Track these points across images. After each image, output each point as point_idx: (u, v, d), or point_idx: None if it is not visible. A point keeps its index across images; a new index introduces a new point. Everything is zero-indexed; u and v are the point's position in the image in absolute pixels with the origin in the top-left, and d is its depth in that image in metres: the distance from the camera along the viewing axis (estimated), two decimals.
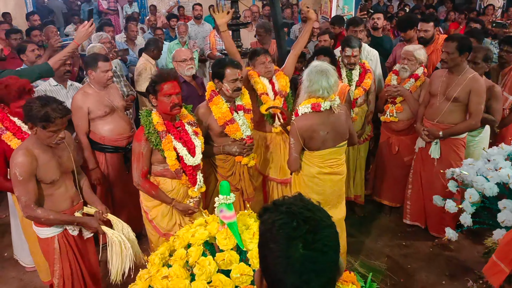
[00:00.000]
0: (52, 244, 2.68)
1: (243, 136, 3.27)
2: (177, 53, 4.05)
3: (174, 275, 1.89)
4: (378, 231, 4.18)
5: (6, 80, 2.90)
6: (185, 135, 2.93)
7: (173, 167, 2.86)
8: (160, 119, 2.83)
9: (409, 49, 3.93)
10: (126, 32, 6.47)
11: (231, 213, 2.01)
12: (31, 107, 2.41)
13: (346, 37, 4.32)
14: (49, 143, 2.52)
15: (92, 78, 3.55)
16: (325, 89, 2.89)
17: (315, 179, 3.12)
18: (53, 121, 2.42)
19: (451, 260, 3.73)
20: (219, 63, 3.24)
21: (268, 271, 1.05)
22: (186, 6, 9.90)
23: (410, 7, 9.51)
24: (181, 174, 2.91)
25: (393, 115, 4.00)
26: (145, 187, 2.89)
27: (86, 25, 3.56)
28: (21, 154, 2.47)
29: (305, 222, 1.00)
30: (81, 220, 2.71)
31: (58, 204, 2.66)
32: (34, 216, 2.54)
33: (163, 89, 2.75)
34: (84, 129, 3.53)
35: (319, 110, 2.95)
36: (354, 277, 1.67)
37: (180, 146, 2.86)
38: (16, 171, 2.44)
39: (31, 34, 5.78)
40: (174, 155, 2.84)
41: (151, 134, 2.80)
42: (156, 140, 2.80)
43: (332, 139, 3.06)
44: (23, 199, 2.49)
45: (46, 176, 2.55)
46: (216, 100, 3.20)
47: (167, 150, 2.82)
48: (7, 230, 4.19)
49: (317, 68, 2.91)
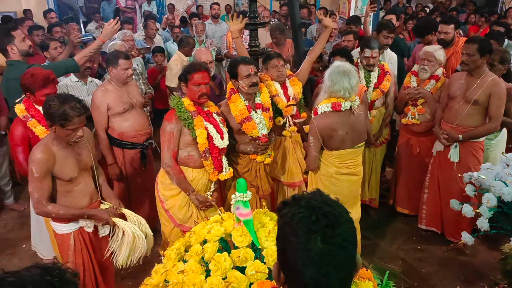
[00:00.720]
0: (68, 240, 2.70)
1: (259, 134, 3.30)
2: (198, 54, 4.04)
3: (190, 270, 1.91)
4: (393, 234, 4.15)
5: (32, 70, 3.03)
6: (213, 120, 3.07)
7: (202, 146, 2.97)
8: (191, 102, 3.00)
9: (429, 50, 3.87)
10: (145, 30, 6.54)
11: (247, 210, 2.03)
12: (49, 106, 2.43)
13: (365, 38, 4.29)
14: (68, 141, 2.53)
15: (112, 75, 3.61)
16: (347, 90, 2.91)
17: (332, 178, 3.14)
18: (71, 120, 2.42)
19: (466, 265, 3.69)
20: (231, 63, 3.36)
21: (286, 264, 1.06)
22: (204, 5, 9.95)
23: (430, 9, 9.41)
24: (208, 155, 3.01)
25: (415, 117, 3.95)
26: (175, 169, 2.99)
27: (112, 23, 3.64)
28: (39, 151, 2.49)
29: (324, 217, 1.01)
30: (91, 213, 2.70)
31: (77, 200, 2.67)
32: (45, 212, 2.57)
33: (193, 78, 2.94)
34: (104, 125, 3.60)
35: (339, 110, 2.97)
36: (370, 274, 1.68)
37: (211, 126, 3.01)
38: (32, 167, 2.47)
39: (53, 31, 5.89)
40: (205, 133, 2.97)
41: (183, 113, 2.95)
42: (188, 119, 2.94)
43: (351, 139, 3.07)
44: (35, 195, 2.51)
45: (64, 174, 2.56)
46: (235, 98, 3.27)
47: (198, 127, 2.95)
48: (26, 222, 4.28)
49: (340, 69, 2.92)
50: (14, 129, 3.07)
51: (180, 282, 1.88)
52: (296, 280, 1.04)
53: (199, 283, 1.86)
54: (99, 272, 2.85)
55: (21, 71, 3.39)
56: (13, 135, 3.07)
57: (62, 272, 1.11)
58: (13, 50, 3.49)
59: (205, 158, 3.02)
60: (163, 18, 9.17)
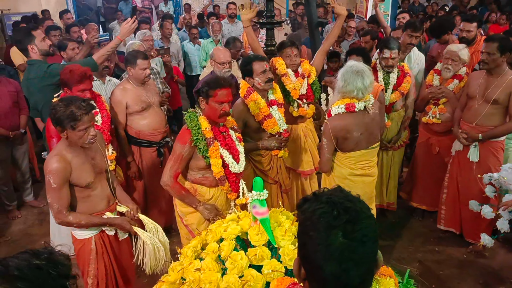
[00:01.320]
0: (89, 245, 2.67)
1: (280, 130, 3.31)
2: (217, 53, 3.95)
3: (206, 268, 1.92)
4: (410, 236, 4.10)
5: (70, 66, 3.16)
6: (230, 141, 2.87)
7: (218, 175, 2.80)
8: (208, 124, 2.75)
9: (453, 49, 3.79)
10: (162, 30, 6.59)
11: (264, 209, 2.02)
12: (56, 110, 2.37)
13: (385, 38, 4.24)
14: (82, 143, 2.46)
15: (131, 75, 3.65)
16: (360, 90, 2.84)
17: (346, 180, 3.09)
18: (80, 119, 2.37)
19: (486, 268, 3.62)
20: (244, 61, 3.36)
21: (307, 259, 1.06)
22: (221, 5, 9.99)
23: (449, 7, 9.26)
24: (224, 181, 2.85)
25: (435, 116, 3.89)
26: (174, 188, 2.80)
27: (129, 22, 3.69)
28: (55, 160, 2.42)
29: (345, 212, 1.01)
30: (113, 222, 2.67)
31: (95, 205, 2.65)
32: (67, 222, 2.52)
33: (217, 95, 2.66)
34: (122, 123, 3.65)
35: (353, 110, 2.92)
36: (391, 271, 1.67)
37: (227, 153, 2.81)
38: (50, 178, 2.41)
39: (71, 31, 5.98)
40: (221, 162, 2.78)
41: (199, 140, 2.72)
42: (204, 147, 2.73)
43: (366, 140, 3.03)
44: (55, 206, 2.46)
45: (81, 180, 2.52)
46: (254, 96, 3.26)
47: (214, 157, 2.76)
48: (45, 219, 4.37)
49: (353, 68, 2.85)
50: (50, 122, 3.09)
51: (197, 280, 1.89)
52: (316, 275, 1.04)
53: (216, 281, 1.86)
54: (119, 275, 2.84)
55: (42, 70, 3.46)
56: (49, 128, 3.15)
57: (51, 255, 1.12)
58: (33, 49, 3.55)
59: (222, 184, 2.87)
60: (179, 18, 9.24)
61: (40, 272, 1.06)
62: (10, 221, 4.54)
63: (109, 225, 2.68)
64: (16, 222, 4.53)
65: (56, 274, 1.09)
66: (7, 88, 4.36)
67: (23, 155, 4.62)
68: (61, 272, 1.10)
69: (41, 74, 3.45)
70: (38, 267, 1.06)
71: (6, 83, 4.40)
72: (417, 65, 4.31)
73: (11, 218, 4.56)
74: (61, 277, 1.10)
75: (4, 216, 4.60)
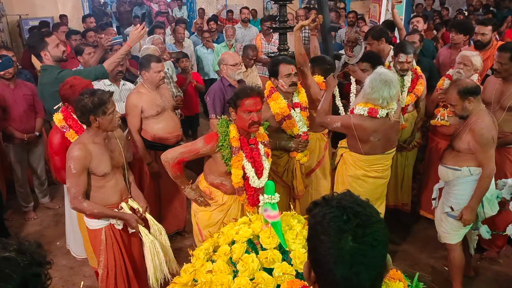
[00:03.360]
0: (100, 235, 2.80)
1: (299, 132, 3.34)
2: (227, 56, 4.02)
3: (218, 270, 1.94)
4: (423, 241, 4.06)
5: (71, 80, 3.07)
6: (256, 154, 2.85)
7: (236, 185, 2.80)
8: (237, 133, 2.75)
9: (466, 54, 3.76)
10: (174, 34, 6.65)
11: (275, 212, 2.04)
12: (84, 102, 2.54)
13: (400, 42, 4.22)
14: (113, 127, 2.67)
15: (145, 79, 3.70)
16: (385, 99, 2.90)
17: (359, 180, 3.19)
18: (108, 101, 2.58)
19: (500, 275, 3.57)
20: (273, 61, 3.40)
21: (317, 263, 1.08)
22: (234, 10, 10.06)
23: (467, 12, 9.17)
24: (242, 192, 2.85)
25: (444, 118, 3.85)
26: (173, 167, 2.82)
27: (138, 28, 3.71)
28: (77, 148, 2.60)
29: (355, 216, 1.03)
30: (122, 216, 2.81)
31: (108, 196, 2.78)
32: (80, 208, 2.70)
33: (244, 104, 2.65)
34: (137, 127, 3.70)
35: (375, 116, 2.97)
36: (401, 275, 1.66)
37: (249, 166, 2.78)
38: (71, 164, 2.58)
39: (87, 35, 6.08)
40: (241, 173, 2.77)
41: (224, 147, 2.73)
42: (227, 155, 2.74)
43: (382, 145, 3.09)
44: (73, 191, 2.63)
45: (99, 169, 2.67)
46: (275, 96, 3.33)
47: (235, 167, 2.75)
48: (60, 220, 4.44)
49: (382, 77, 2.88)
50: (53, 137, 3.14)
51: (208, 282, 1.91)
52: (327, 279, 1.06)
53: (227, 283, 1.88)
54: (130, 267, 2.93)
55: (53, 76, 3.51)
56: (51, 144, 3.14)
57: (20, 246, 1.14)
58: (46, 55, 3.60)
59: (240, 194, 2.87)
60: (193, 23, 9.32)
61: (9, 262, 1.09)
62: (26, 222, 4.62)
63: (119, 218, 2.80)
64: (32, 223, 4.61)
65: (27, 263, 1.11)
66: (23, 91, 4.44)
67: (39, 157, 4.70)
68: (32, 261, 1.13)
69: (51, 80, 3.49)
70: (6, 259, 1.09)
71: (22, 87, 4.48)
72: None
73: (27, 219, 4.65)
74: (32, 265, 1.13)
75: (20, 217, 4.69)
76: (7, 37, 8.64)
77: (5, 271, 1.07)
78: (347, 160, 3.30)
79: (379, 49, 4.46)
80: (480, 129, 2.89)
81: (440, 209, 3.25)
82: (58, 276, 3.67)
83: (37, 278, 1.13)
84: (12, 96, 4.36)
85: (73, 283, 3.61)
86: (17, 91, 4.41)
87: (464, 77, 3.75)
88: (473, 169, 3.01)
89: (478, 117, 2.94)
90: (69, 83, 3.04)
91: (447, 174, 3.12)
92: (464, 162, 3.03)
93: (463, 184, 3.05)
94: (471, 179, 3.03)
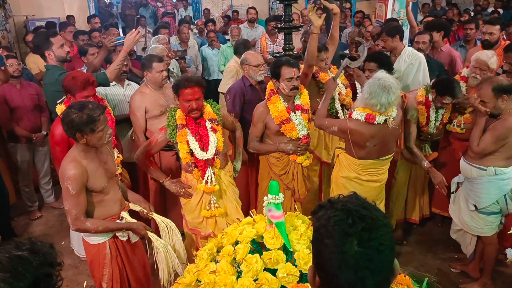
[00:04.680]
0: (104, 250, 2.66)
1: (299, 136, 3.31)
2: (250, 56, 3.96)
3: (222, 270, 1.93)
4: (429, 242, 4.03)
5: (73, 73, 3.18)
6: (202, 130, 3.01)
7: (184, 160, 2.99)
8: (183, 114, 2.99)
9: (483, 58, 3.60)
10: (179, 34, 6.66)
11: (279, 213, 2.02)
12: (71, 118, 2.33)
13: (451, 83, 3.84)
14: (101, 144, 2.48)
15: (148, 79, 3.71)
16: (383, 105, 2.85)
17: (352, 182, 3.19)
18: (98, 119, 2.36)
19: (508, 278, 3.53)
20: (275, 63, 3.33)
21: (322, 267, 1.05)
22: (240, 10, 10.05)
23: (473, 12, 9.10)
24: (192, 168, 3.01)
25: (460, 126, 3.77)
26: (143, 162, 3.08)
27: (133, 33, 3.73)
28: (72, 167, 2.39)
29: (361, 220, 1.00)
30: (129, 226, 2.68)
31: (109, 209, 2.64)
32: (84, 229, 2.51)
33: (183, 93, 2.89)
34: (142, 127, 3.70)
35: (372, 122, 2.94)
36: (409, 280, 1.63)
37: (193, 140, 2.96)
38: (68, 185, 2.38)
39: (91, 36, 6.11)
40: (186, 148, 2.96)
41: (170, 126, 2.99)
42: (172, 133, 2.98)
43: (378, 151, 3.08)
44: (73, 213, 2.43)
45: (96, 184, 2.51)
46: (274, 99, 3.29)
47: (180, 142, 2.96)
48: (65, 220, 4.40)
49: (380, 82, 2.82)
50: (55, 128, 3.17)
51: (212, 282, 1.90)
52: (331, 283, 1.03)
53: (231, 283, 1.87)
54: (133, 278, 2.83)
55: (54, 76, 3.54)
56: (53, 135, 3.18)
57: (33, 245, 1.15)
58: (50, 55, 3.64)
59: (190, 171, 3.03)
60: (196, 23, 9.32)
61: (22, 262, 1.09)
62: (31, 221, 4.65)
63: (125, 229, 2.68)
64: (37, 222, 4.63)
65: (39, 262, 1.12)
66: (29, 91, 4.49)
67: (44, 156, 4.72)
68: (44, 261, 1.14)
69: (53, 80, 3.53)
70: (19, 257, 1.10)
71: (28, 87, 4.54)
72: (411, 65, 4.20)
73: (32, 218, 4.67)
74: (44, 265, 1.13)
75: (25, 216, 4.71)
76: (14, 37, 8.69)
77: (18, 269, 1.08)
78: (341, 161, 3.28)
79: (392, 47, 4.35)
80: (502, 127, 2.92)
81: (465, 206, 3.24)
82: (62, 276, 3.66)
83: (48, 278, 1.14)
84: (19, 96, 4.41)
85: (77, 282, 3.62)
86: (23, 91, 4.45)
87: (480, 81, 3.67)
88: (499, 169, 3.01)
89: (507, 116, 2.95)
90: (71, 75, 3.13)
91: (471, 171, 3.12)
92: (490, 162, 3.03)
93: (487, 183, 3.06)
94: (495, 179, 3.04)
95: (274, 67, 3.28)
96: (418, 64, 4.21)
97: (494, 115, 3.00)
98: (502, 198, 3.08)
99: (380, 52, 4.20)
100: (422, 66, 4.20)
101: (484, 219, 3.15)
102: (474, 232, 3.27)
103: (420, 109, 3.58)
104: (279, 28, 4.59)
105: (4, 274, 1.05)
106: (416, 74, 4.21)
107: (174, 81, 3.09)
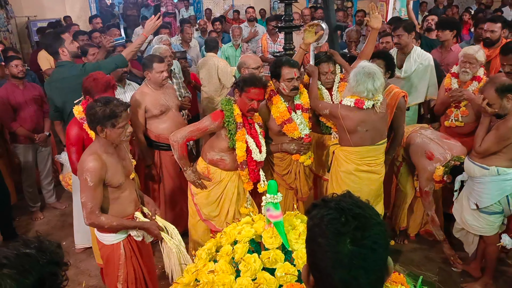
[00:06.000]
0: (118, 250, 2.64)
1: (301, 135, 3.32)
2: (248, 59, 3.95)
3: (220, 270, 1.93)
4: (431, 241, 4.01)
5: (94, 74, 3.17)
6: (254, 132, 3.11)
7: (240, 158, 3.02)
8: (239, 111, 3.02)
9: (470, 52, 3.72)
10: (181, 34, 6.66)
11: (277, 212, 2.02)
12: (95, 111, 2.40)
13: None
14: (120, 141, 2.52)
15: (149, 79, 3.71)
16: (370, 91, 3.00)
17: (352, 176, 3.23)
18: (120, 115, 2.42)
19: (510, 277, 3.51)
20: (276, 62, 3.33)
21: (316, 266, 1.05)
22: (240, 10, 10.06)
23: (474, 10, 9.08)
24: (245, 166, 3.06)
25: (458, 119, 3.82)
26: (181, 147, 3.03)
27: (153, 19, 3.78)
28: (92, 159, 2.42)
29: (354, 218, 1.00)
30: (143, 226, 2.66)
31: (125, 207, 2.64)
32: (98, 223, 2.49)
33: (250, 91, 2.94)
34: (142, 127, 3.71)
35: (361, 107, 3.06)
36: (403, 278, 1.63)
37: (252, 140, 3.04)
38: (87, 176, 2.40)
39: (92, 36, 6.13)
40: (245, 147, 3.01)
41: (230, 122, 2.97)
42: (233, 129, 2.98)
43: (371, 137, 3.17)
44: (89, 205, 2.43)
45: (114, 180, 2.51)
46: (275, 100, 3.30)
47: (240, 141, 2.99)
48: (67, 220, 4.48)
49: (365, 70, 2.99)
50: (70, 129, 3.18)
51: (210, 282, 1.90)
52: (325, 283, 1.03)
53: (229, 283, 1.87)
54: (148, 278, 2.82)
55: (76, 69, 3.55)
56: (69, 135, 3.19)
57: (41, 244, 1.16)
58: (64, 52, 3.64)
59: (242, 168, 3.08)
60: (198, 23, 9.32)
61: (29, 259, 1.11)
62: (33, 222, 4.66)
63: (139, 228, 2.66)
64: (39, 223, 4.64)
65: (45, 261, 1.13)
66: (32, 92, 4.53)
67: (47, 157, 4.74)
68: (50, 260, 1.15)
69: (76, 73, 3.50)
70: (27, 255, 1.11)
71: (31, 88, 4.57)
72: (421, 65, 4.21)
73: (34, 219, 4.68)
74: (50, 264, 1.15)
75: (27, 217, 4.72)
76: (16, 38, 8.73)
77: (25, 266, 1.10)
78: (338, 156, 3.31)
79: (407, 42, 4.30)
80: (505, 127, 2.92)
81: (467, 205, 3.24)
82: None
83: (53, 277, 1.15)
84: (22, 97, 4.43)
85: (78, 282, 3.62)
86: (26, 92, 4.48)
87: (471, 75, 3.72)
88: (502, 169, 3.01)
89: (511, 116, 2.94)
90: (93, 76, 3.14)
91: (474, 170, 3.12)
92: (494, 161, 3.03)
93: (489, 183, 3.06)
94: (497, 179, 3.04)
95: (274, 67, 3.28)
96: (428, 64, 4.25)
97: (501, 115, 3.00)
98: (505, 198, 3.07)
99: (386, 53, 4.20)
100: (430, 68, 4.25)
101: (485, 218, 3.15)
102: (475, 231, 3.26)
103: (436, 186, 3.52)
104: (279, 27, 4.59)
105: (10, 270, 1.07)
106: (425, 75, 4.25)
107: (239, 77, 3.15)
